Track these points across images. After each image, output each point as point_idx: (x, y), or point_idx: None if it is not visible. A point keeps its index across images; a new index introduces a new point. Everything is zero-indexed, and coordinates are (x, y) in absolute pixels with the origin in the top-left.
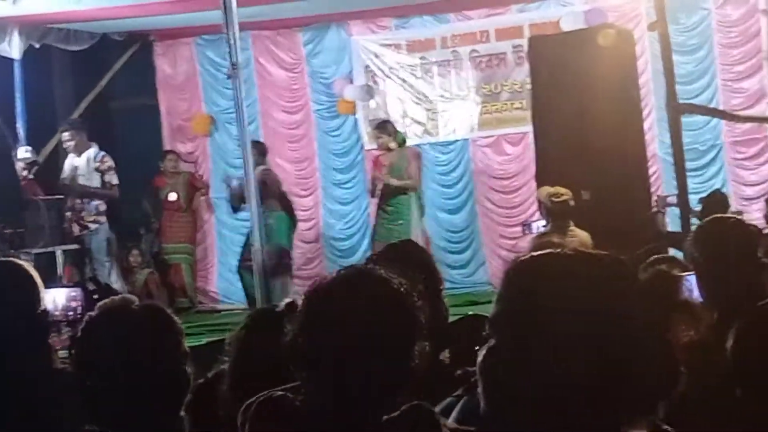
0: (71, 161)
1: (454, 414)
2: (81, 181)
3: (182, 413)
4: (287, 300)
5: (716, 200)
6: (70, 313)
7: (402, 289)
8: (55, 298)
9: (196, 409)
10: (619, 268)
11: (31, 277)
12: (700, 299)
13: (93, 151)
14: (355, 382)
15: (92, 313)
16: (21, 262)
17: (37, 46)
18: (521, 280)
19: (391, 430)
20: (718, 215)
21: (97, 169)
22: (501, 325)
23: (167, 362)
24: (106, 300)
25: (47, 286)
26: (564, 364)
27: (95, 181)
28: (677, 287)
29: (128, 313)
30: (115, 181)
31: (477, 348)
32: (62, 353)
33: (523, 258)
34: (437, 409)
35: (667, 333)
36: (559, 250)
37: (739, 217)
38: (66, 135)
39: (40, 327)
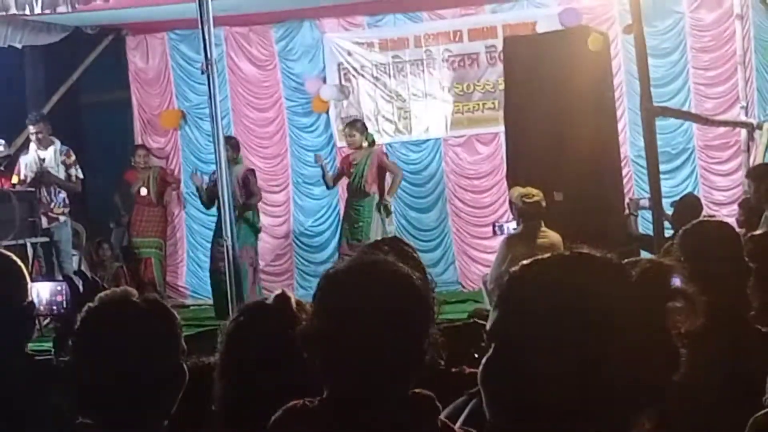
0: (36, 155)
1: (462, 417)
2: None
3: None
4: (276, 292)
5: (689, 203)
6: (54, 307)
7: (415, 277)
8: (39, 292)
9: (186, 401)
10: (614, 267)
11: (19, 267)
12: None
13: (57, 145)
14: (370, 368)
15: (92, 305)
16: (7, 252)
17: (17, 45)
18: (519, 286)
19: (396, 415)
20: (706, 218)
21: (63, 163)
22: (500, 333)
23: (167, 357)
24: (107, 292)
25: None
26: (565, 368)
27: (61, 174)
28: (670, 276)
29: (131, 306)
30: (80, 174)
31: (475, 353)
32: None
33: (521, 265)
34: (444, 413)
35: (665, 323)
36: (553, 253)
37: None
38: (33, 128)
39: (25, 319)
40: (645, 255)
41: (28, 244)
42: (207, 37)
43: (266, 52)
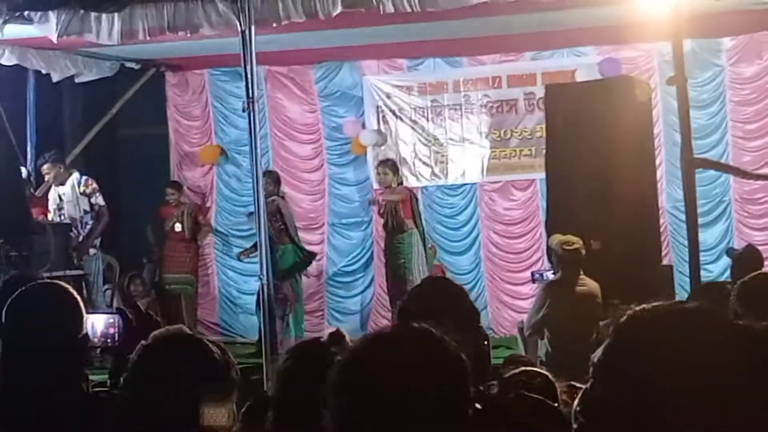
0: (55, 192)
1: None
2: (68, 208)
3: None
4: (330, 330)
5: (751, 254)
6: (108, 339)
7: (452, 350)
8: (94, 324)
9: None
10: (718, 319)
11: (76, 300)
12: None
13: (76, 176)
14: None
15: (147, 341)
16: (64, 284)
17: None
18: (632, 333)
19: None
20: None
21: (83, 193)
22: (607, 373)
23: (219, 393)
24: (163, 329)
25: None
26: (671, 416)
27: (83, 205)
28: None
29: (188, 342)
30: (101, 202)
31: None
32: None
33: (634, 312)
34: None
35: None
36: (668, 303)
37: None
38: (44, 168)
39: (81, 351)
40: None
41: (64, 278)
42: (250, 74)
43: (306, 91)
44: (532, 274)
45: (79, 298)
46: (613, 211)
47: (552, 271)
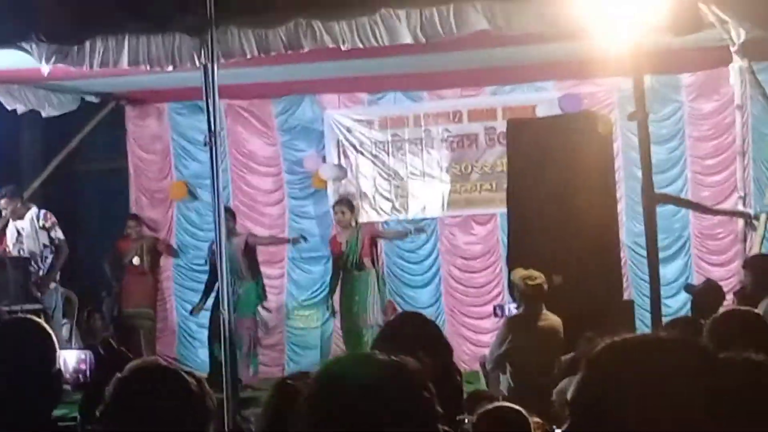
0: (13, 226)
1: None
2: (27, 242)
3: None
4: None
5: (713, 288)
6: (80, 375)
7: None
8: (66, 359)
9: None
10: (694, 350)
11: (49, 335)
12: None
13: (34, 211)
14: None
15: (123, 374)
16: (37, 318)
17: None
18: (604, 365)
19: None
20: (735, 307)
21: (42, 227)
22: (582, 408)
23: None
24: (137, 361)
25: None
26: None
27: (42, 239)
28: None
29: (164, 373)
30: (61, 236)
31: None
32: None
33: (605, 344)
34: None
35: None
36: (642, 334)
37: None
38: (2, 203)
39: (54, 387)
40: None
41: (21, 311)
42: (211, 107)
43: (266, 125)
44: (494, 308)
45: (51, 332)
46: (574, 246)
47: (515, 305)
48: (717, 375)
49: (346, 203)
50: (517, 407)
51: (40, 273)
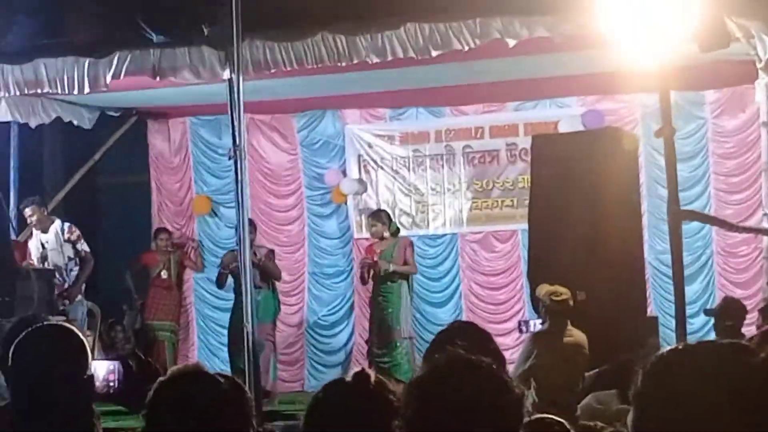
0: (37, 239)
1: None
2: (52, 255)
3: None
4: (356, 370)
5: (733, 302)
6: (109, 385)
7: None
8: (96, 370)
9: None
10: (749, 354)
11: (81, 341)
12: None
13: (58, 224)
14: None
15: (164, 378)
16: (70, 326)
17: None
18: (660, 374)
19: None
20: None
21: (67, 240)
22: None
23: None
24: (179, 366)
25: None
26: None
27: (68, 252)
28: None
29: (205, 379)
30: (86, 248)
31: None
32: None
33: (661, 354)
34: None
35: None
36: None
37: None
38: (28, 211)
39: (85, 393)
40: None
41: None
42: (237, 121)
43: (288, 140)
44: (519, 323)
45: (84, 339)
46: (598, 262)
47: (540, 321)
48: None
49: (378, 215)
50: (559, 419)
51: (65, 285)
